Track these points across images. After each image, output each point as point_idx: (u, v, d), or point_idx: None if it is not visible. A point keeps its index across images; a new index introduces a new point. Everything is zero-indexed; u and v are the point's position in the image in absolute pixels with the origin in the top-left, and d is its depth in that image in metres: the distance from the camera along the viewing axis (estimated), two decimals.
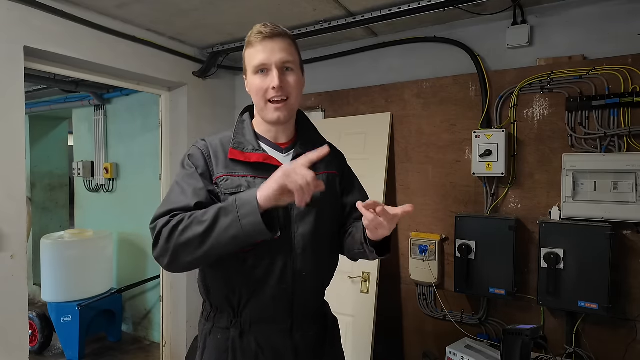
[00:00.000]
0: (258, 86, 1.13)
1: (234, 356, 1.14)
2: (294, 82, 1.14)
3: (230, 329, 1.15)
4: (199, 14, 2.45)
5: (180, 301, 3.15)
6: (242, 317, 1.15)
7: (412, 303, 2.62)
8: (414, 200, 2.61)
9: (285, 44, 1.13)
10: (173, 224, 1.01)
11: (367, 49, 2.77)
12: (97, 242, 3.68)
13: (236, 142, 1.16)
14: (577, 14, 2.18)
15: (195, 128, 3.12)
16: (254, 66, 1.13)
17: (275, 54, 1.11)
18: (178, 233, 1.00)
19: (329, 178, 1.25)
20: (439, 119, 2.54)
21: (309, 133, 1.29)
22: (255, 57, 1.12)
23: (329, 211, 1.23)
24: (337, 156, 1.36)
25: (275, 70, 1.11)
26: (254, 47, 1.13)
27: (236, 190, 1.10)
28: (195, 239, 0.98)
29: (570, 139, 2.15)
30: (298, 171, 0.92)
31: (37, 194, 5.15)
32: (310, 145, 1.21)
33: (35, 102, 4.70)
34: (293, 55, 1.15)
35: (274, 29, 1.12)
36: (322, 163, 1.22)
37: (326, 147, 0.98)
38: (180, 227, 1.00)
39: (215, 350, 1.16)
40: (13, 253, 2.06)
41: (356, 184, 1.37)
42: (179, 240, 0.99)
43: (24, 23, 2.10)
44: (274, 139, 1.21)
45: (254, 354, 1.14)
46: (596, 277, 1.96)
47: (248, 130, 1.20)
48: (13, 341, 2.08)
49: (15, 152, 2.09)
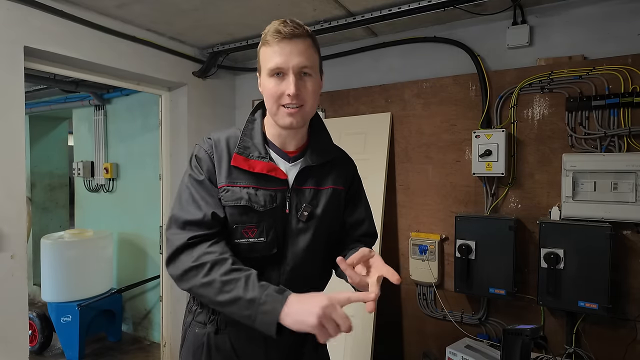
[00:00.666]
0: (272, 90, 1.06)
1: (209, 351, 1.14)
2: (311, 89, 1.08)
3: (207, 325, 1.15)
4: (199, 14, 2.45)
5: (180, 301, 3.15)
6: (219, 315, 1.14)
7: (412, 303, 2.62)
8: (414, 200, 2.61)
9: (305, 45, 1.06)
10: (196, 265, 1.00)
11: (367, 49, 2.77)
12: (97, 242, 3.68)
13: (242, 147, 1.11)
14: (577, 13, 2.18)
15: (195, 128, 3.12)
16: (269, 69, 1.05)
17: (293, 58, 1.03)
18: (198, 282, 0.99)
19: (334, 193, 1.19)
20: (439, 119, 2.54)
21: (321, 140, 1.22)
22: (271, 59, 1.05)
23: (328, 228, 1.19)
24: (347, 168, 1.29)
25: (292, 76, 1.04)
26: (271, 46, 1.05)
27: (236, 203, 1.08)
28: (210, 300, 0.99)
29: (570, 139, 2.15)
30: (338, 319, 0.90)
31: (37, 194, 5.15)
32: (320, 157, 1.17)
33: (35, 102, 4.70)
34: (311, 59, 1.08)
35: (293, 28, 1.05)
36: (329, 177, 1.20)
37: (372, 295, 0.96)
38: (200, 277, 0.99)
39: (193, 343, 1.17)
40: (13, 253, 2.06)
41: (362, 199, 1.31)
42: (196, 286, 1.00)
43: (24, 23, 2.10)
44: (282, 145, 1.15)
45: (227, 353, 1.14)
46: (596, 277, 1.96)
47: (257, 133, 1.15)
48: (13, 341, 2.08)
49: (15, 152, 2.09)
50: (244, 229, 1.09)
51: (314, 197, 1.15)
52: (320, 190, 1.17)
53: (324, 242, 1.19)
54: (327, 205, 1.17)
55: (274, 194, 1.11)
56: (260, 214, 1.09)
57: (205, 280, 0.98)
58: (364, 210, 1.30)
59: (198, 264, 0.99)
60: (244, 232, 1.09)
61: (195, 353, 1.16)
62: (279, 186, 1.12)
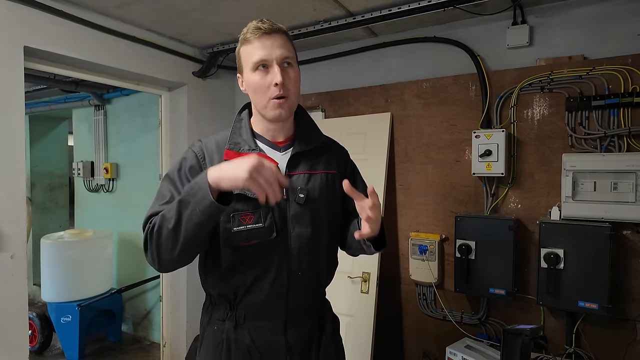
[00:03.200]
0: (258, 83, 1.11)
1: (228, 348, 1.16)
2: (294, 78, 1.14)
3: (226, 321, 1.18)
4: (199, 14, 2.45)
5: (180, 301, 3.15)
6: (237, 310, 1.17)
7: (412, 303, 2.62)
8: (414, 200, 2.61)
9: (283, 39, 1.13)
10: (149, 228, 1.05)
11: (367, 49, 2.77)
12: (97, 242, 3.68)
13: (232, 143, 1.16)
14: (577, 14, 2.18)
15: (195, 128, 3.12)
16: (254, 62, 1.11)
17: (276, 50, 1.10)
18: (155, 236, 1.03)
19: (327, 177, 1.23)
20: (439, 119, 2.54)
21: (307, 130, 1.27)
22: (254, 54, 1.10)
23: (327, 211, 1.23)
24: (339, 153, 1.34)
25: (276, 67, 1.09)
26: (252, 43, 1.11)
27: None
28: (169, 236, 1.01)
29: (570, 139, 2.15)
30: (267, 171, 0.93)
31: (37, 194, 5.15)
32: (308, 143, 1.22)
33: (35, 102, 4.70)
34: (291, 51, 1.14)
35: (271, 24, 1.11)
36: (321, 162, 1.24)
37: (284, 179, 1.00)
38: (155, 229, 1.03)
39: (212, 341, 1.19)
40: (13, 253, 2.06)
41: (359, 182, 1.35)
42: (158, 242, 1.03)
43: (24, 23, 2.10)
44: (271, 137, 1.20)
45: (247, 348, 1.16)
46: (596, 277, 1.96)
47: (245, 129, 1.20)
48: (13, 341, 2.08)
49: (15, 152, 2.09)
50: (240, 217, 1.12)
51: (309, 181, 1.19)
52: (313, 174, 1.21)
53: (326, 225, 1.23)
54: (322, 188, 1.21)
55: None
56: (255, 201, 1.10)
57: (156, 229, 1.02)
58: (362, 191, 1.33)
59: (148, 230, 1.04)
60: (241, 219, 1.12)
61: (215, 350, 1.18)
62: None
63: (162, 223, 1.02)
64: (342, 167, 1.32)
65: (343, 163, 1.33)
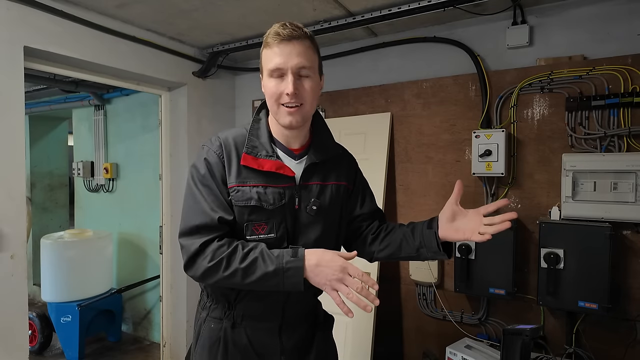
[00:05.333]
0: (272, 90, 1.11)
1: (225, 346, 1.18)
2: (309, 89, 1.12)
3: (224, 320, 1.20)
4: (199, 14, 2.45)
5: (180, 301, 3.15)
6: (235, 309, 1.19)
7: (412, 303, 2.62)
8: (414, 200, 2.61)
9: (303, 47, 1.10)
10: (213, 264, 1.06)
11: (367, 49, 2.77)
12: (97, 242, 3.68)
13: (250, 146, 1.15)
14: (577, 14, 2.18)
15: (195, 128, 3.12)
16: (269, 69, 1.11)
17: (292, 59, 1.08)
18: (221, 276, 1.07)
19: (338, 189, 1.25)
20: (438, 119, 2.54)
21: (323, 138, 1.28)
22: (271, 60, 1.10)
23: (335, 221, 1.25)
24: (348, 163, 1.35)
25: (290, 76, 1.08)
26: (271, 48, 1.10)
27: (246, 203, 1.12)
28: (239, 285, 1.07)
29: (570, 139, 2.15)
30: (355, 272, 1.05)
31: (37, 194, 5.15)
32: (323, 153, 1.23)
33: (35, 102, 4.69)
34: (310, 60, 1.12)
35: (292, 30, 1.09)
36: (332, 173, 1.25)
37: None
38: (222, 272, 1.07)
39: (209, 338, 1.20)
40: (13, 253, 2.06)
41: (368, 192, 1.38)
42: (221, 280, 1.08)
43: (24, 23, 2.10)
44: (286, 143, 1.20)
45: (244, 346, 1.18)
46: (596, 277, 1.96)
47: (263, 132, 1.19)
48: (13, 341, 2.08)
49: (15, 152, 2.09)
50: (254, 226, 1.13)
51: (321, 192, 1.21)
52: (325, 185, 1.23)
53: (334, 234, 1.25)
54: (333, 200, 1.23)
55: (282, 191, 1.15)
56: (269, 212, 1.13)
57: (227, 273, 1.06)
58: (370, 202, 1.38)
59: (214, 263, 1.06)
60: (254, 229, 1.13)
61: (211, 348, 1.19)
62: (286, 183, 1.16)
63: (234, 271, 1.06)
64: (352, 179, 1.34)
65: (352, 175, 1.35)
